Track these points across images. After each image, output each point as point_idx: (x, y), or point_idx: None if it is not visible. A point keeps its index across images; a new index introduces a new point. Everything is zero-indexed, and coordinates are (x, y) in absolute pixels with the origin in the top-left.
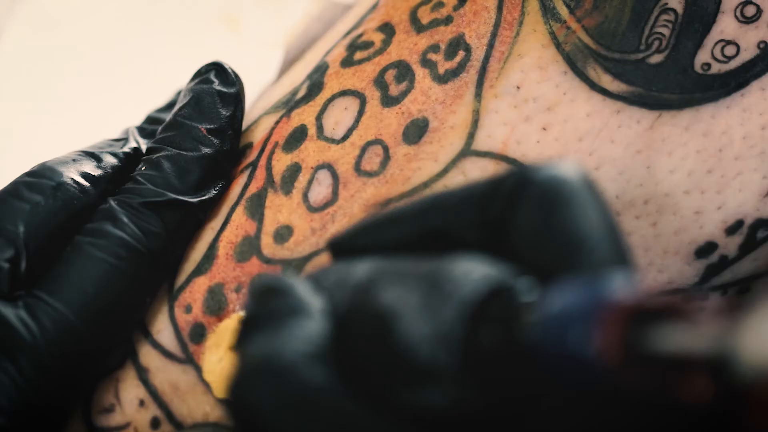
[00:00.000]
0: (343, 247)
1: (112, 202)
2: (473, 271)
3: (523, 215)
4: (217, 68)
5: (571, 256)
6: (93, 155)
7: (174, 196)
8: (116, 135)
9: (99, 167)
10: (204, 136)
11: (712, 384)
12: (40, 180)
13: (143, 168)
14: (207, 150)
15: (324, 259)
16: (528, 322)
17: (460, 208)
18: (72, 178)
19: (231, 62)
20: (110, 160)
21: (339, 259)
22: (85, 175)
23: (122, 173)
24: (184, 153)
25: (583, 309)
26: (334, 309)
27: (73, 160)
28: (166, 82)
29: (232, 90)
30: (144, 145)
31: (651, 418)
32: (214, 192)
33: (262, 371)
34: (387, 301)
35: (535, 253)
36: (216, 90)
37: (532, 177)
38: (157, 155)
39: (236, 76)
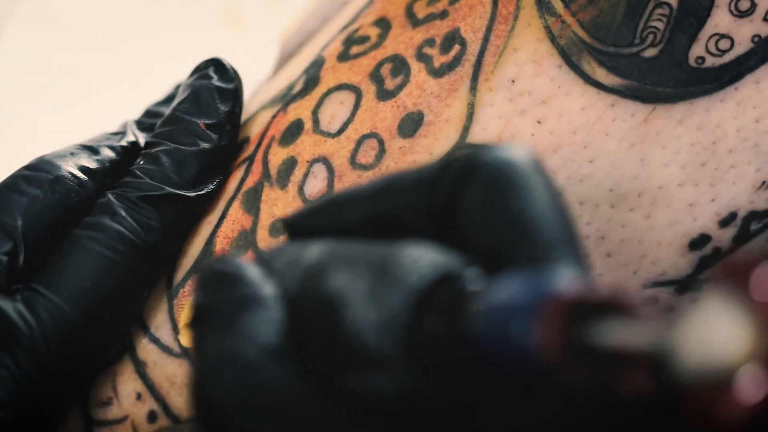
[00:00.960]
0: (297, 227)
1: (111, 196)
2: (421, 258)
3: (470, 199)
4: (216, 64)
5: (517, 241)
6: (91, 149)
7: (172, 190)
8: (114, 129)
9: (97, 161)
10: (202, 131)
11: (652, 379)
12: (38, 173)
13: (141, 162)
14: (205, 145)
15: None
16: (472, 313)
17: (410, 192)
18: (70, 172)
19: (231, 59)
20: (108, 154)
21: (294, 239)
22: (83, 169)
23: (120, 167)
24: (183, 148)
25: (524, 302)
26: (285, 292)
27: (71, 154)
28: (166, 79)
29: (230, 86)
30: (142, 138)
31: (594, 411)
32: (212, 186)
33: (223, 370)
34: (335, 286)
35: (482, 237)
36: (215, 86)
37: (479, 160)
38: (156, 149)
39: (235, 72)
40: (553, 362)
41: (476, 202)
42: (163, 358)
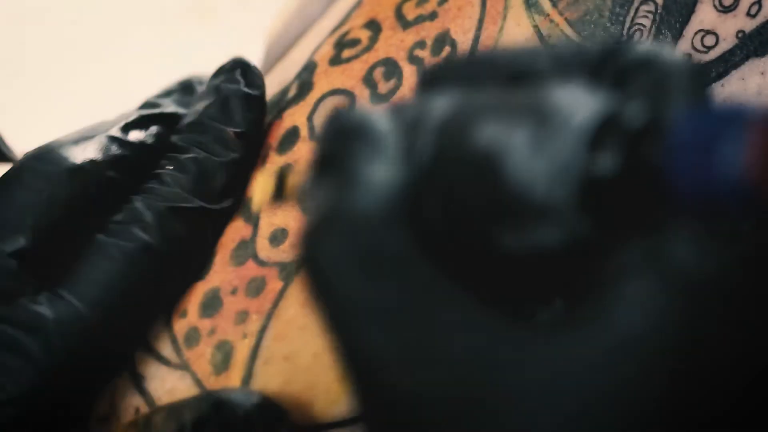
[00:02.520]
0: (433, 79)
1: (139, 204)
2: (580, 98)
3: (636, 95)
4: (243, 67)
5: None
6: (96, 139)
7: (201, 203)
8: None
9: (103, 152)
10: (232, 139)
11: None
12: (46, 166)
13: (171, 168)
14: (234, 155)
15: None
16: (659, 147)
17: (566, 65)
18: (78, 164)
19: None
20: (113, 147)
21: (424, 92)
22: (91, 161)
23: (128, 162)
24: (213, 157)
25: (725, 129)
26: (417, 159)
27: (76, 143)
28: (139, 73)
29: (257, 92)
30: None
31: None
32: (234, 200)
33: (334, 226)
34: (488, 138)
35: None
36: (243, 92)
37: (661, 65)
38: (185, 156)
39: (261, 77)
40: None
41: (640, 99)
42: (162, 371)
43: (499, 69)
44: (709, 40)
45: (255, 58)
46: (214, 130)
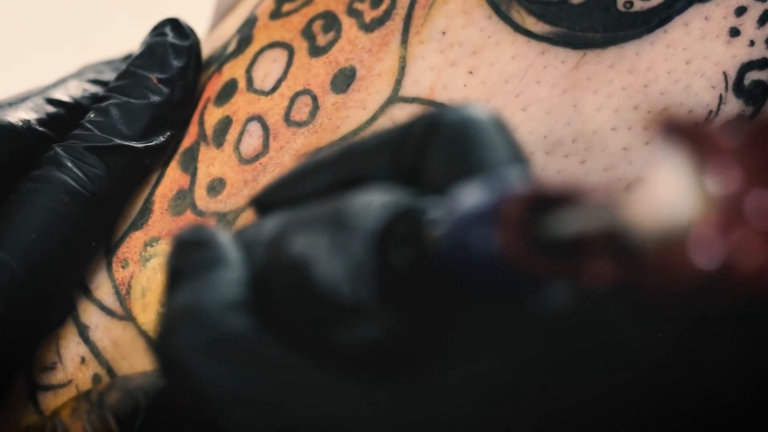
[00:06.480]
0: (264, 203)
1: (57, 149)
2: (373, 202)
3: (433, 159)
4: (173, 23)
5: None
6: (29, 100)
7: (120, 141)
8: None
9: (36, 112)
10: (154, 85)
11: (613, 261)
12: None
13: (92, 115)
14: (156, 98)
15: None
16: (433, 235)
17: (375, 155)
18: (8, 122)
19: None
20: (47, 107)
21: (261, 216)
22: (23, 120)
23: (64, 121)
24: (133, 101)
25: (479, 208)
26: (252, 268)
27: (9, 104)
28: (91, 35)
29: (185, 42)
30: (81, 93)
31: (567, 337)
32: (162, 139)
33: (185, 321)
34: (297, 250)
35: (443, 189)
36: (169, 42)
37: (442, 119)
38: (106, 103)
39: (191, 30)
40: (517, 263)
41: (439, 160)
42: (106, 321)
43: (318, 180)
44: None
45: (210, 14)
46: (137, 77)
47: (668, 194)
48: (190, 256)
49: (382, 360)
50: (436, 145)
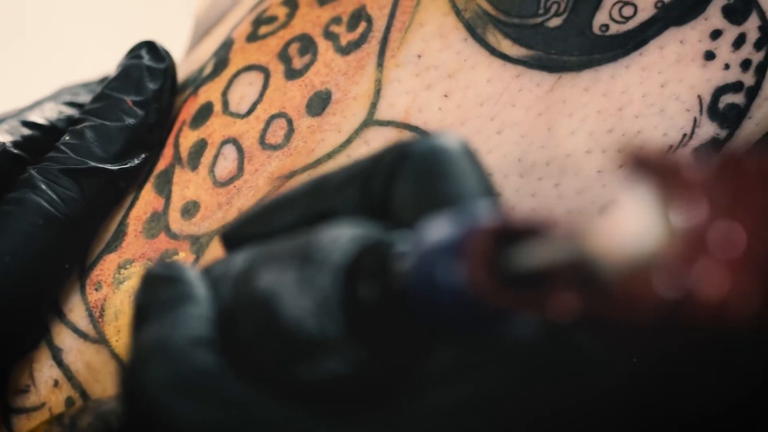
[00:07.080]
0: (233, 238)
1: (32, 171)
2: (341, 236)
3: (402, 190)
4: (149, 46)
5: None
6: (4, 122)
7: (94, 164)
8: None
9: (11, 134)
10: (129, 107)
11: (578, 293)
12: None
13: (67, 138)
14: (131, 121)
15: None
16: (400, 269)
17: (344, 188)
18: None
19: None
20: (22, 130)
21: (230, 251)
22: (1, 143)
23: (40, 144)
24: (108, 123)
25: (445, 242)
26: (220, 304)
27: None
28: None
29: (161, 65)
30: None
31: (535, 370)
32: (137, 161)
33: (152, 356)
34: (264, 285)
35: (412, 221)
36: (145, 65)
37: (409, 150)
38: (81, 125)
39: (167, 52)
40: (483, 296)
41: (407, 192)
42: (80, 344)
43: (288, 215)
44: (628, 11)
45: (188, 36)
46: (112, 99)
47: (633, 226)
48: (158, 292)
49: (350, 394)
50: (405, 177)
